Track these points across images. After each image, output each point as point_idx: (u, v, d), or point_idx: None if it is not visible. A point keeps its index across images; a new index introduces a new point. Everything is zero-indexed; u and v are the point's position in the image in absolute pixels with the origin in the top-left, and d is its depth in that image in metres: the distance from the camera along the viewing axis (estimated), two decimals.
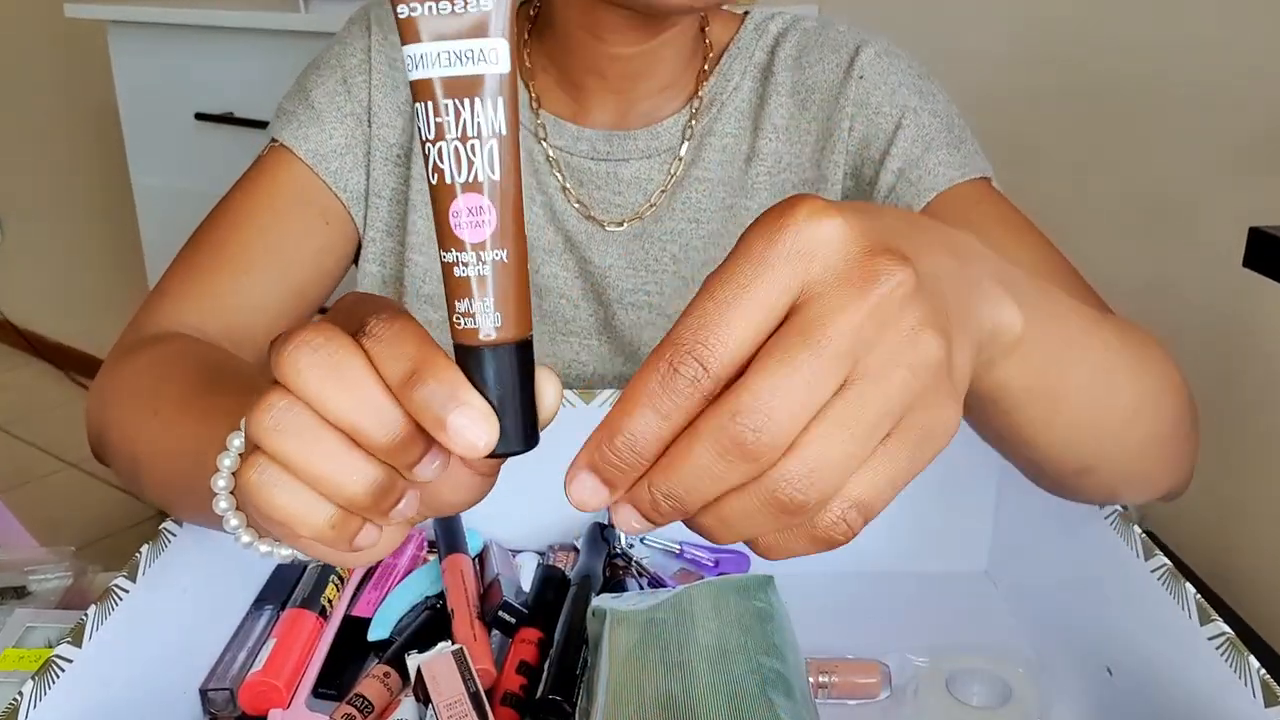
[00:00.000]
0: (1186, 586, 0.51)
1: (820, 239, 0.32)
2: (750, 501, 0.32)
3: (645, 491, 0.32)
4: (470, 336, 0.33)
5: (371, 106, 0.78)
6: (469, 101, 0.31)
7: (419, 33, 0.31)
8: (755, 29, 0.79)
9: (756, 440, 0.31)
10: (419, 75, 0.31)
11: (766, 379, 0.31)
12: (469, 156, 0.32)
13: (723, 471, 0.31)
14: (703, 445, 0.31)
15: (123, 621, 0.51)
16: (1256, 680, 0.45)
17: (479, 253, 0.32)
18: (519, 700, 0.55)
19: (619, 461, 0.32)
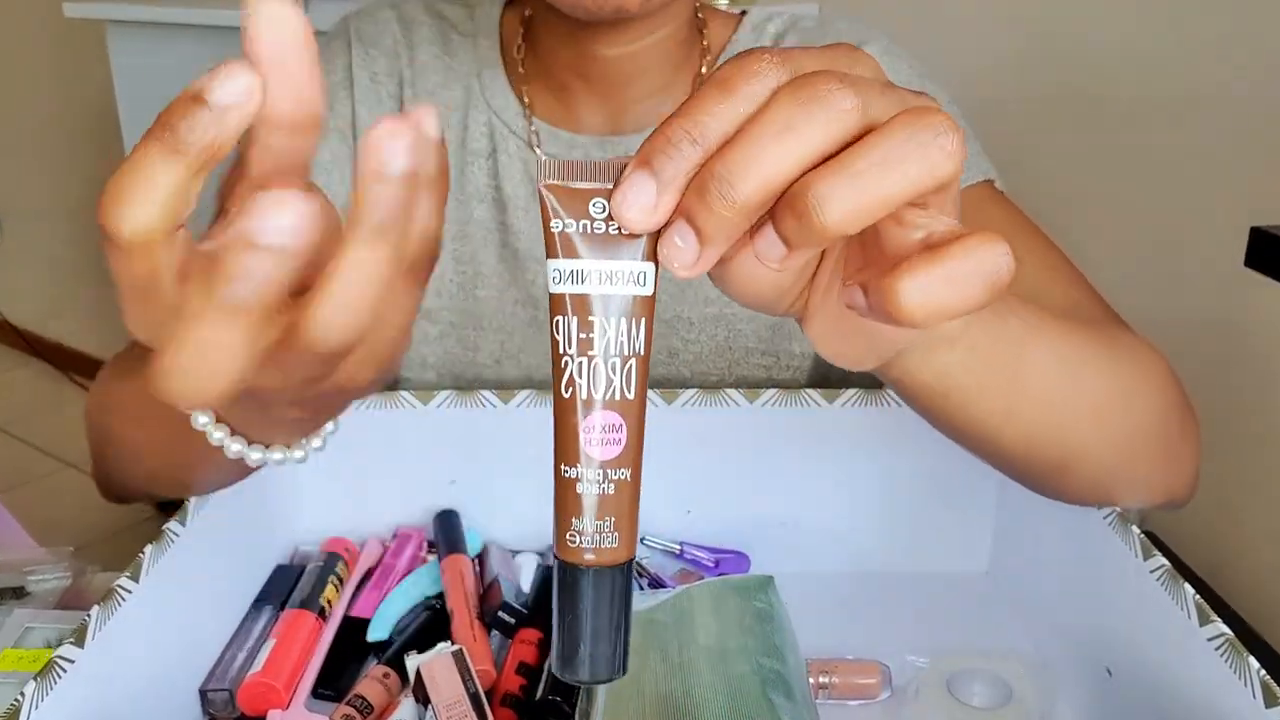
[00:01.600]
0: (1186, 587, 0.51)
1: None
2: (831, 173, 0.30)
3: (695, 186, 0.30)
4: (578, 555, 0.32)
5: (356, 122, 0.77)
6: (614, 320, 0.31)
7: (570, 249, 0.31)
8: (753, 29, 0.79)
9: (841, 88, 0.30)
10: (564, 290, 0.31)
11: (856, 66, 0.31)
12: (608, 374, 0.31)
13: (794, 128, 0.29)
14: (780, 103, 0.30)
15: (124, 622, 0.51)
16: (1256, 681, 0.45)
17: (606, 471, 0.32)
18: (519, 701, 0.55)
19: (671, 145, 0.30)
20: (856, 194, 0.29)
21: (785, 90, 0.30)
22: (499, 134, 0.77)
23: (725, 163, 0.30)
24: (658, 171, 0.30)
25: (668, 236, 0.31)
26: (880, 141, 0.30)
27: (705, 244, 0.31)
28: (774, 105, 0.30)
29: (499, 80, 0.77)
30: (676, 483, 0.69)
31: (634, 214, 0.30)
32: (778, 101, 0.30)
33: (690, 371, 0.78)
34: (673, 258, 0.31)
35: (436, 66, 0.78)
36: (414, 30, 0.79)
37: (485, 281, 0.79)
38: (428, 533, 0.70)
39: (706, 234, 0.30)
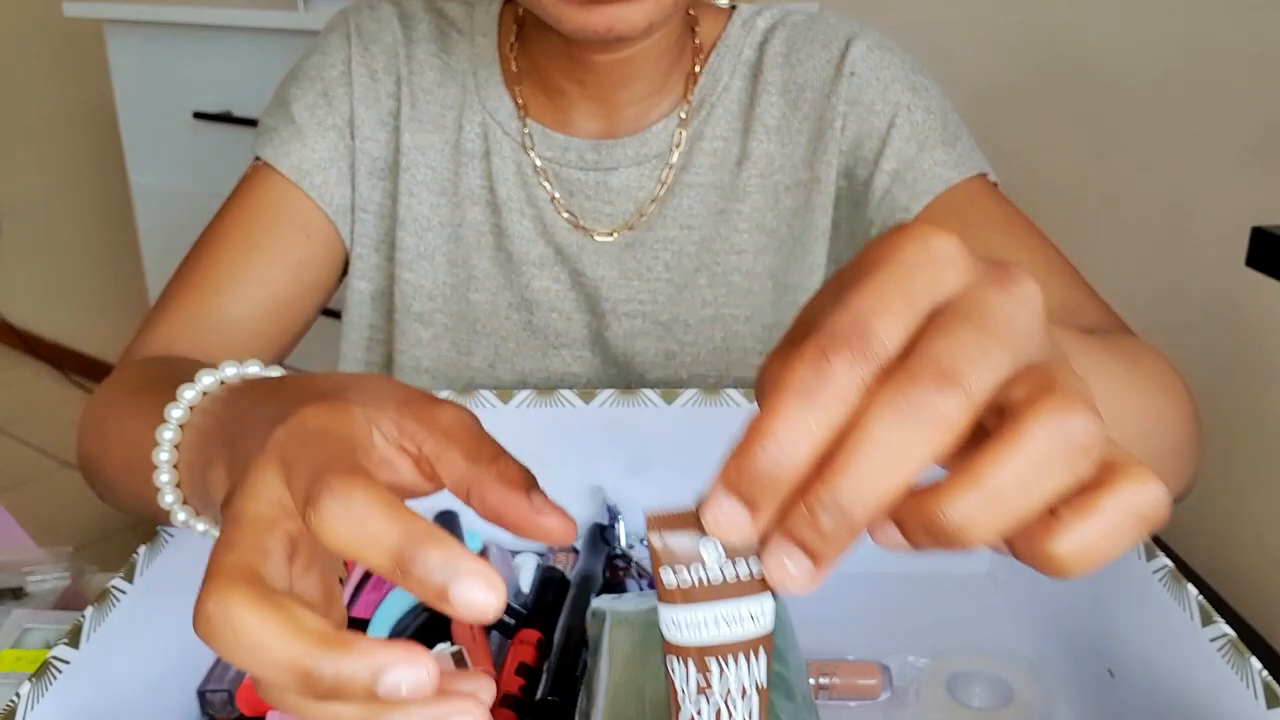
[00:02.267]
0: (1188, 587, 0.50)
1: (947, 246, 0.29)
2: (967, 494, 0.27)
3: (802, 512, 0.28)
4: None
5: (354, 119, 0.77)
6: (734, 659, 0.30)
7: (686, 597, 0.30)
8: (742, 25, 0.78)
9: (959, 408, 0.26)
10: (683, 640, 0.30)
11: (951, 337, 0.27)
12: (729, 710, 0.31)
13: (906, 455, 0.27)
14: (882, 419, 0.27)
15: (120, 622, 0.51)
16: (1258, 681, 0.45)
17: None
18: (518, 702, 0.55)
19: (764, 471, 0.27)
20: (1000, 517, 0.27)
21: (881, 406, 0.27)
22: (493, 135, 0.76)
23: (833, 491, 0.27)
24: (751, 499, 0.28)
25: (776, 560, 0.28)
26: (1018, 455, 0.27)
27: (820, 565, 0.28)
28: (873, 428, 0.27)
29: (494, 80, 0.77)
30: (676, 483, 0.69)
31: (730, 539, 0.29)
32: (875, 422, 0.27)
33: (688, 373, 0.78)
34: (785, 582, 0.28)
35: (434, 64, 0.78)
36: (414, 27, 0.79)
37: (478, 285, 0.78)
38: None
39: (822, 557, 0.28)
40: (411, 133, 0.77)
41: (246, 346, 0.72)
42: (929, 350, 0.27)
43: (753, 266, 0.77)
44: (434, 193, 0.77)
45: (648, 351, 0.78)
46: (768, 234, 0.77)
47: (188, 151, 1.88)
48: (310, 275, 0.77)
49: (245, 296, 0.72)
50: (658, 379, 0.78)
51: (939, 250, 0.29)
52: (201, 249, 0.74)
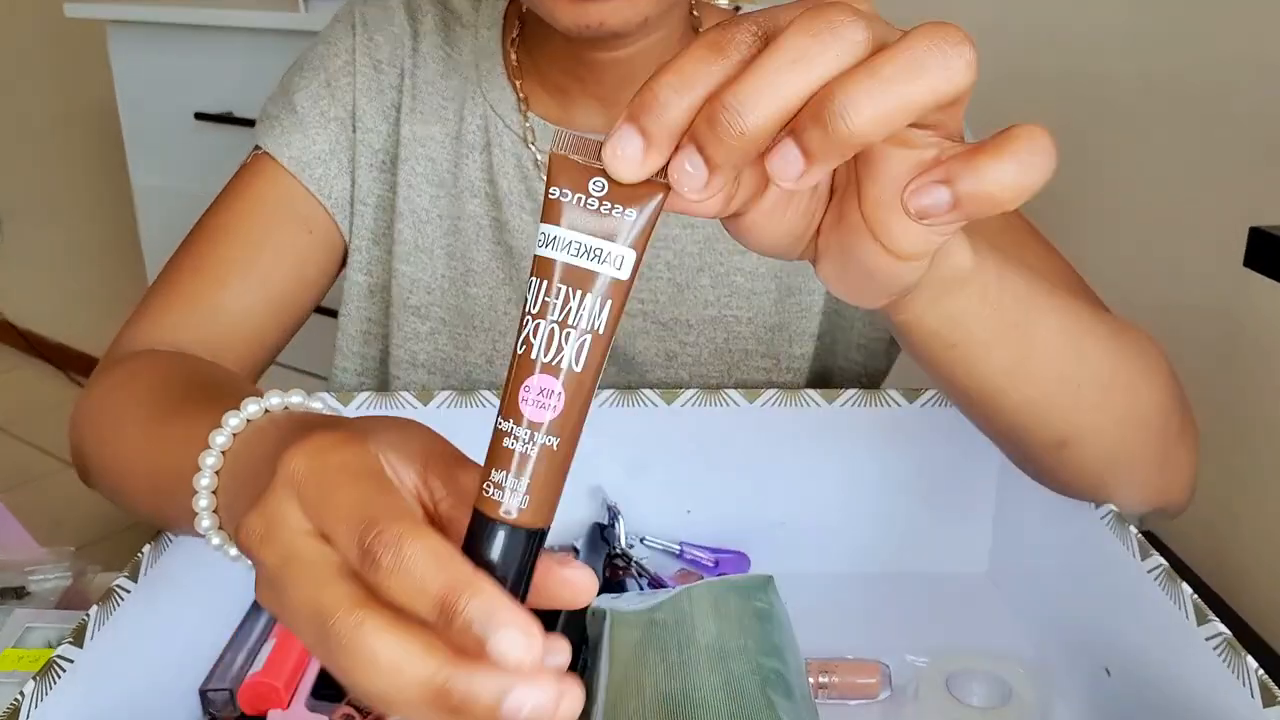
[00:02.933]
0: (1183, 586, 0.51)
1: None
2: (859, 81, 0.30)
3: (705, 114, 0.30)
4: (492, 508, 0.32)
5: (356, 110, 0.77)
6: (580, 293, 0.32)
7: (559, 217, 0.32)
8: None
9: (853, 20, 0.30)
10: (545, 253, 0.32)
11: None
12: (560, 342, 0.32)
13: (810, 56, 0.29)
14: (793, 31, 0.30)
15: (124, 622, 0.51)
16: (1254, 680, 0.45)
17: (534, 433, 0.32)
18: None
19: (663, 101, 0.31)
20: (882, 99, 0.29)
21: (797, 23, 0.30)
22: (494, 128, 0.76)
23: (735, 93, 0.30)
24: (644, 127, 0.31)
25: (678, 161, 0.31)
26: (904, 49, 0.30)
27: (714, 171, 0.31)
28: (786, 37, 0.30)
29: (497, 73, 0.77)
30: (676, 483, 0.69)
31: (623, 166, 0.31)
32: (790, 34, 0.30)
33: (689, 374, 0.78)
34: (683, 182, 0.31)
35: (438, 56, 0.78)
36: (420, 20, 0.79)
37: (477, 279, 0.78)
38: None
39: (716, 162, 0.31)
40: (412, 124, 0.77)
41: (250, 341, 0.72)
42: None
43: (756, 267, 0.77)
44: (433, 185, 0.77)
45: (648, 351, 0.78)
46: None
47: (189, 152, 1.89)
48: (311, 270, 0.77)
49: (249, 291, 0.73)
50: (658, 379, 0.78)
51: None
52: (202, 239, 0.74)
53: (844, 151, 0.30)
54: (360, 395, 0.68)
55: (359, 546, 0.31)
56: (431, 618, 0.30)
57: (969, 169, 0.32)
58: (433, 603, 0.30)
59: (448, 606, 0.29)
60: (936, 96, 0.30)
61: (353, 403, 0.68)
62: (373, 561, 0.30)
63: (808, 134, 0.30)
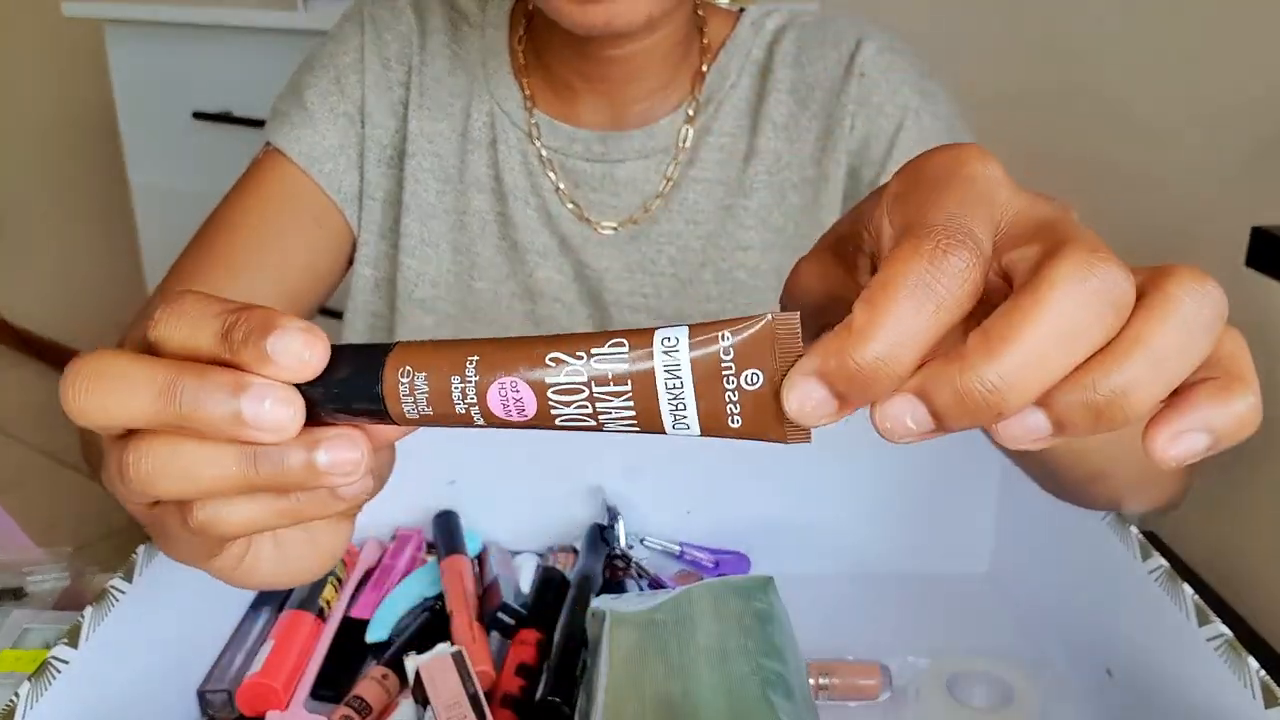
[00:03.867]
0: (1184, 587, 0.50)
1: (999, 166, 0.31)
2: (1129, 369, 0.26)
3: (954, 380, 0.26)
4: (392, 375, 0.31)
5: (364, 106, 0.78)
6: (631, 415, 0.30)
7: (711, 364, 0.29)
8: (752, 25, 0.79)
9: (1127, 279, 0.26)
10: (660, 363, 0.29)
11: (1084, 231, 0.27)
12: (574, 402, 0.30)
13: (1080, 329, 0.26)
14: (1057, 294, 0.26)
15: (120, 622, 0.51)
16: (1256, 681, 0.45)
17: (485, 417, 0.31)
18: (518, 702, 0.55)
19: (867, 368, 0.26)
20: (1161, 384, 0.26)
21: (1069, 283, 0.26)
22: (500, 124, 0.77)
23: (999, 370, 0.26)
24: (844, 393, 0.27)
25: (898, 412, 0.27)
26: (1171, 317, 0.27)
27: (941, 425, 0.27)
28: (1051, 301, 0.26)
29: (503, 70, 0.78)
30: (676, 483, 0.69)
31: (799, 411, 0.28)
32: (1057, 292, 0.26)
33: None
34: (895, 433, 0.28)
35: (445, 54, 0.79)
36: (427, 19, 0.80)
37: (482, 273, 0.79)
38: (427, 533, 0.70)
39: (948, 421, 0.27)
40: (419, 120, 0.78)
41: None
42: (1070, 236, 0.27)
43: (759, 263, 0.77)
44: (439, 180, 0.78)
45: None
46: (774, 231, 0.77)
47: (187, 151, 1.88)
48: (322, 264, 0.78)
49: (262, 284, 0.73)
50: None
51: (993, 166, 0.31)
52: (214, 233, 0.74)
53: (1113, 429, 0.27)
54: None
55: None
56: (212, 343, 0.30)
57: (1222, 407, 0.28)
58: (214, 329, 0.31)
59: (227, 326, 0.30)
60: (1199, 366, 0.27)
61: None
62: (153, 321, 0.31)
63: (1068, 407, 0.27)
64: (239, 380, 0.30)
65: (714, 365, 0.29)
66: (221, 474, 0.31)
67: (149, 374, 0.30)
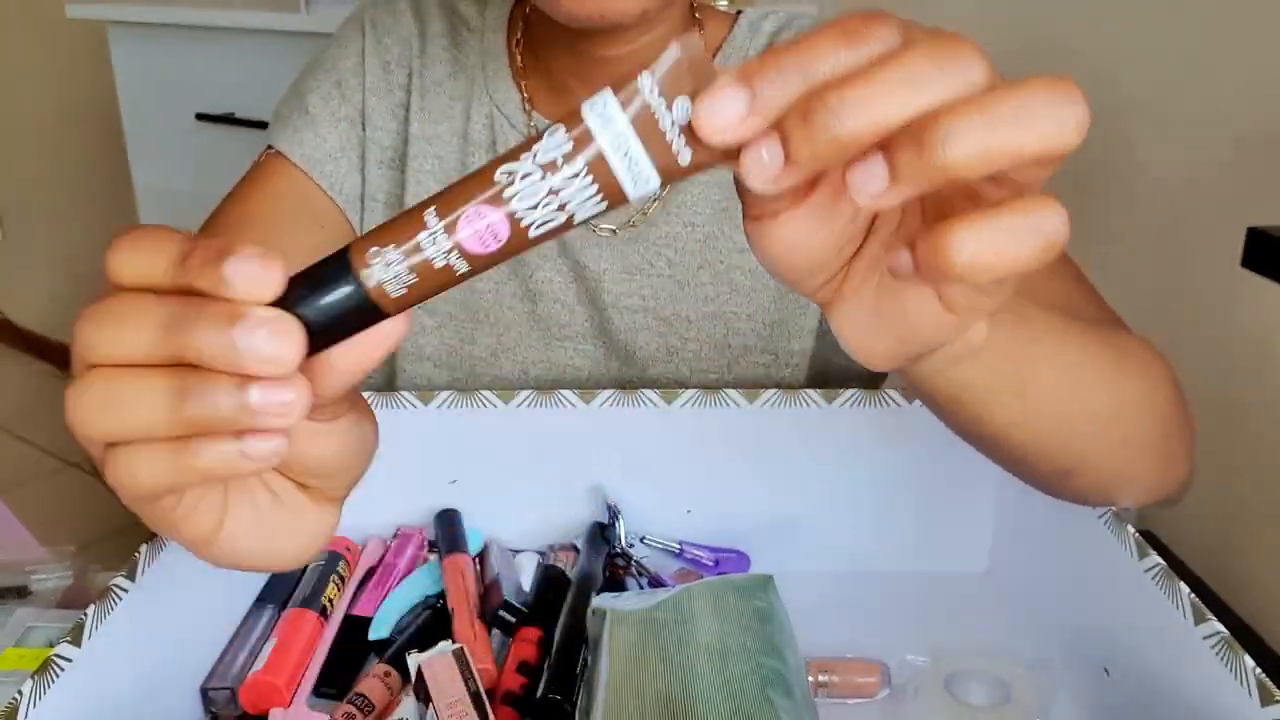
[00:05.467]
0: (1181, 586, 0.51)
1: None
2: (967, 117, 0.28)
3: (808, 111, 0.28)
4: (361, 261, 0.31)
5: (365, 110, 0.78)
6: (591, 182, 0.30)
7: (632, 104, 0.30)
8: (749, 27, 0.79)
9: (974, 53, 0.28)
10: (593, 125, 0.30)
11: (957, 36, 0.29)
12: (540, 202, 0.30)
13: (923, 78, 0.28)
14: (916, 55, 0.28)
15: (122, 621, 0.51)
16: (1252, 679, 0.45)
17: (455, 254, 0.31)
18: (519, 699, 0.55)
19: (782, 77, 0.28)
20: (987, 136, 0.28)
21: (922, 46, 0.28)
22: (499, 126, 0.77)
23: (842, 95, 0.28)
24: (757, 92, 0.29)
25: (754, 148, 0.29)
26: (1019, 92, 0.28)
27: (790, 167, 0.29)
28: (907, 56, 0.28)
29: (502, 73, 0.78)
30: (676, 483, 0.70)
31: (715, 124, 0.29)
32: (912, 54, 0.28)
33: (689, 369, 0.79)
34: (751, 170, 0.29)
35: (445, 58, 0.79)
36: (427, 23, 0.80)
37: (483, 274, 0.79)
38: (429, 532, 0.70)
39: (796, 159, 0.29)
40: (420, 123, 0.78)
41: None
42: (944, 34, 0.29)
43: (755, 265, 0.77)
44: (441, 182, 0.78)
45: (649, 346, 0.78)
46: None
47: (191, 153, 1.89)
48: None
49: None
50: (660, 374, 0.79)
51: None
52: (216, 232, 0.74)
53: (934, 180, 0.28)
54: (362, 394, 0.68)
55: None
56: (173, 276, 0.31)
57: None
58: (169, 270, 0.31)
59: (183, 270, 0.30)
60: (1041, 148, 0.29)
61: None
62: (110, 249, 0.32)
63: (902, 154, 0.28)
64: (233, 311, 0.30)
65: (647, 110, 0.30)
66: (149, 412, 0.30)
67: (154, 310, 0.31)
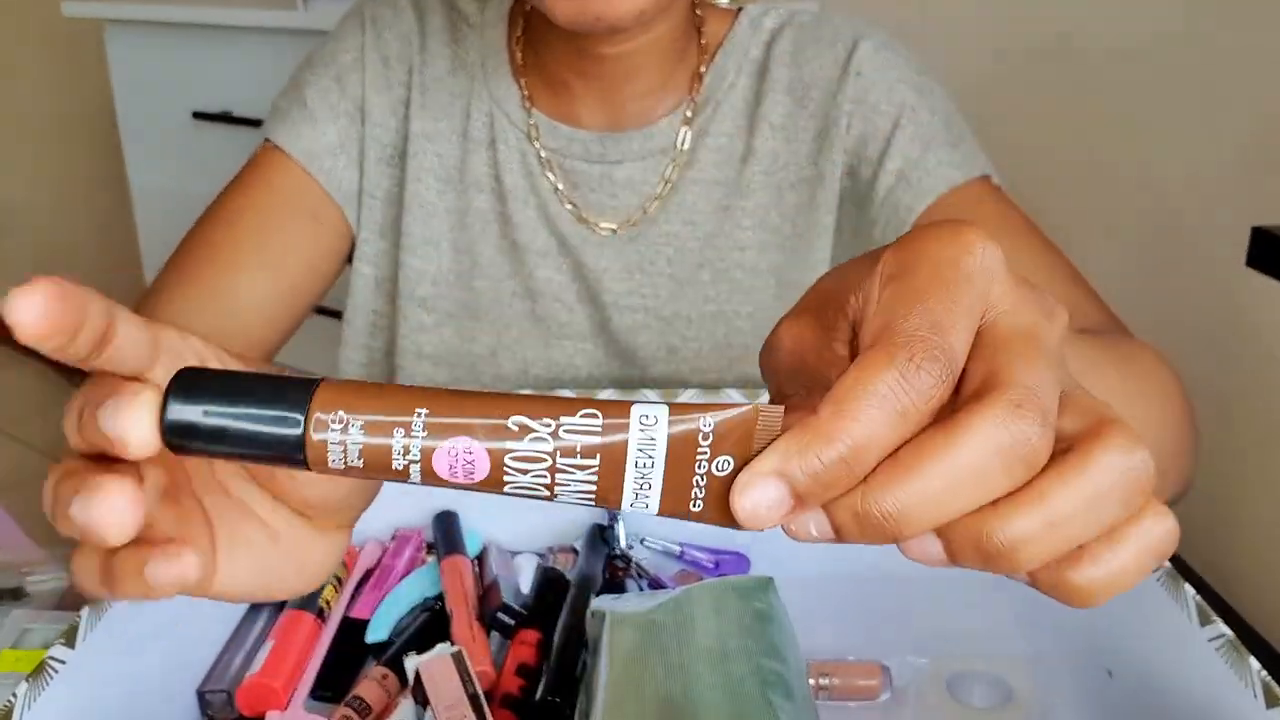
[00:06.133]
0: (1186, 587, 0.50)
1: (998, 258, 0.30)
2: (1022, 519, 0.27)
3: (854, 502, 0.27)
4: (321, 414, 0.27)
5: (365, 105, 0.78)
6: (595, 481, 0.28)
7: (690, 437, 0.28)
8: (750, 24, 0.78)
9: (1042, 437, 0.26)
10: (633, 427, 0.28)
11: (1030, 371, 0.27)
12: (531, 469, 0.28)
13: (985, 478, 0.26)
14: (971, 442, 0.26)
15: (117, 623, 0.51)
16: (1257, 681, 0.45)
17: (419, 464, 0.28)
18: (518, 702, 0.55)
19: (829, 472, 0.27)
20: (1055, 544, 0.27)
21: (987, 428, 0.26)
22: (499, 124, 0.77)
23: (896, 497, 0.26)
24: (802, 489, 0.27)
25: (803, 520, 0.28)
26: (1085, 484, 0.27)
27: (839, 539, 0.28)
28: (968, 444, 0.26)
29: (502, 71, 0.78)
30: None
31: (749, 509, 0.27)
32: (972, 440, 0.26)
33: (690, 369, 0.78)
34: (798, 536, 0.28)
35: (445, 55, 0.79)
36: (427, 19, 0.80)
37: (483, 272, 0.79)
38: (427, 534, 0.69)
39: (845, 537, 0.28)
40: (420, 120, 0.78)
41: (262, 327, 0.73)
42: (1011, 377, 0.27)
43: (756, 263, 0.77)
44: (440, 179, 0.78)
45: (650, 345, 0.78)
46: (771, 231, 0.77)
47: (187, 151, 1.89)
48: (321, 261, 0.78)
49: (261, 279, 0.73)
50: (660, 373, 0.78)
51: (991, 259, 0.29)
52: (213, 226, 0.74)
53: (1003, 574, 0.28)
54: None
55: None
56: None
57: None
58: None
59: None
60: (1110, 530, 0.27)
61: None
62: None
63: (961, 546, 0.28)
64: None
65: (690, 448, 0.28)
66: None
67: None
